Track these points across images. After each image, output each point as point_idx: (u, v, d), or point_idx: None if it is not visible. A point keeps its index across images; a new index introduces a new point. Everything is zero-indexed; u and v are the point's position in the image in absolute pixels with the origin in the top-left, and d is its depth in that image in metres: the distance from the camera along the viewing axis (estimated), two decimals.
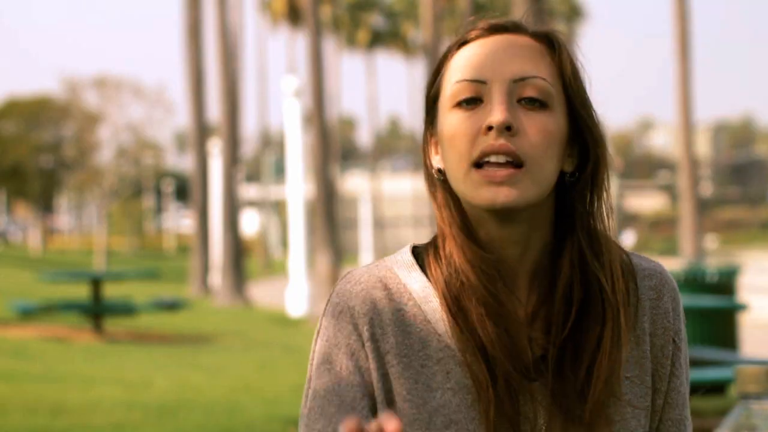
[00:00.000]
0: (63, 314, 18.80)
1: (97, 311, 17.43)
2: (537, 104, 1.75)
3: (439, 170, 1.82)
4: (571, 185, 1.80)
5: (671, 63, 29.81)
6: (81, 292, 21.93)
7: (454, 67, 1.79)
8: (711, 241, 71.61)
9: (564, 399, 1.76)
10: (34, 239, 62.89)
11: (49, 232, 73.30)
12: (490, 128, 1.72)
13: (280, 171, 55.38)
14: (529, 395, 1.76)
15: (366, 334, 1.78)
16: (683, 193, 30.34)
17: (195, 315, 22.74)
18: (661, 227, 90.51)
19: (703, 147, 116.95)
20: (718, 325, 10.13)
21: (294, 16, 60.73)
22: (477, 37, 1.80)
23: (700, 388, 6.59)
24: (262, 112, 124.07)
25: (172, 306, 18.95)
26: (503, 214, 1.75)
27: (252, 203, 66.01)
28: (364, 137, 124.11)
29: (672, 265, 15.74)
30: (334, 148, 50.01)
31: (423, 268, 1.82)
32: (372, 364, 1.77)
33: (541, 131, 1.74)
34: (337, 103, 69.12)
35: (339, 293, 1.82)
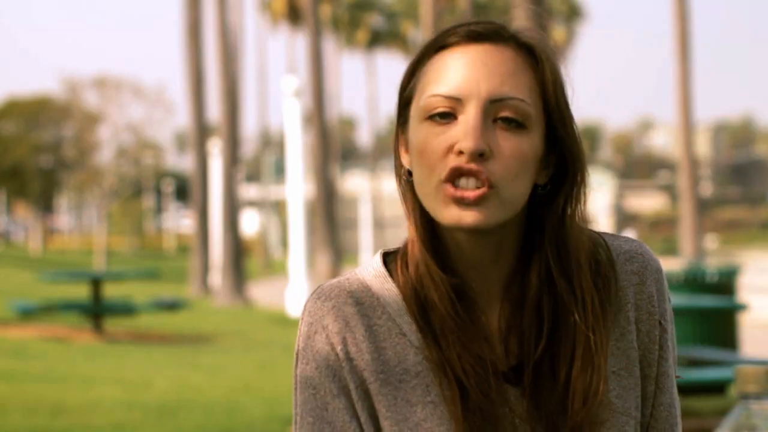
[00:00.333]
0: (63, 314, 18.80)
1: (97, 311, 17.44)
2: (513, 124, 1.70)
3: (409, 171, 1.78)
4: (543, 197, 1.76)
5: (671, 63, 29.82)
6: (81, 292, 21.93)
7: (430, 76, 1.73)
8: (711, 241, 71.60)
9: (545, 413, 1.73)
10: (34, 239, 62.90)
11: (49, 232, 73.31)
12: (462, 152, 1.68)
13: (280, 171, 55.40)
14: (506, 404, 1.74)
15: (341, 354, 1.75)
16: (683, 193, 30.36)
17: (195, 315, 22.74)
18: (661, 227, 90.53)
19: (703, 147, 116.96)
20: (718, 325, 10.14)
21: (294, 16, 60.75)
22: (455, 44, 1.74)
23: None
24: (262, 112, 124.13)
25: (172, 306, 18.96)
26: (471, 231, 1.72)
27: (252, 203, 66.03)
28: (364, 137, 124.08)
29: (672, 265, 15.75)
30: (334, 148, 50.02)
31: (393, 276, 1.79)
32: (351, 384, 1.75)
33: (515, 155, 1.69)
34: (337, 103, 69.16)
35: (311, 312, 1.78)
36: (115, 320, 18.98)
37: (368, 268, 1.81)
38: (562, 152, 1.75)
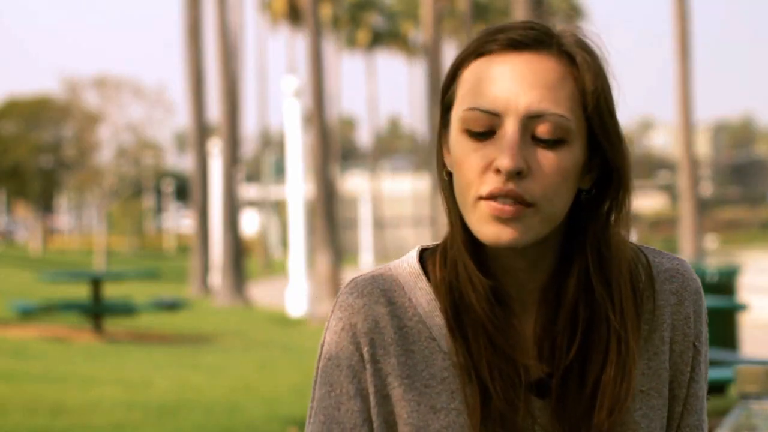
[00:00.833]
0: (63, 314, 18.80)
1: (97, 311, 17.43)
2: (552, 141, 1.66)
3: (449, 172, 1.74)
4: (587, 202, 1.73)
5: (671, 63, 29.82)
6: (81, 292, 21.92)
7: (469, 85, 1.70)
8: (711, 241, 71.57)
9: (569, 420, 1.72)
10: (34, 239, 62.88)
11: (49, 232, 73.29)
12: (499, 170, 1.65)
13: (280, 171, 55.36)
14: (530, 415, 1.72)
15: (367, 356, 1.73)
16: (683, 193, 30.35)
17: (195, 315, 22.74)
18: (661, 227, 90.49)
19: (703, 147, 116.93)
20: (718, 325, 10.13)
21: (294, 16, 60.73)
22: (495, 52, 1.69)
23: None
24: (262, 112, 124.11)
25: (172, 306, 18.96)
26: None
27: (252, 203, 66.00)
28: (364, 137, 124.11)
29: None
30: (334, 148, 50.01)
31: (429, 275, 1.77)
32: (371, 387, 1.73)
33: (555, 172, 1.66)
34: (337, 103, 69.15)
35: (342, 306, 1.76)
36: (115, 320, 18.98)
37: (403, 264, 1.78)
38: (605, 159, 1.72)
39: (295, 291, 25.07)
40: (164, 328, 19.67)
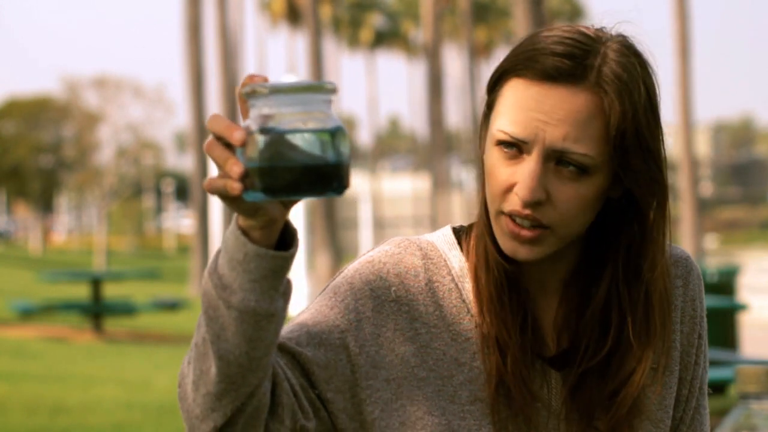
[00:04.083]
0: (63, 314, 18.81)
1: (97, 311, 17.44)
2: (575, 170, 1.69)
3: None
4: (620, 210, 1.76)
5: (671, 63, 29.83)
6: (81, 292, 21.93)
7: (504, 105, 1.72)
8: (711, 241, 71.59)
9: (582, 404, 1.76)
10: (34, 239, 62.89)
11: (49, 232, 73.29)
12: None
13: None
14: (546, 384, 1.77)
15: (393, 294, 1.76)
16: (683, 193, 30.37)
17: (195, 315, 22.71)
18: None
19: (703, 147, 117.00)
20: (718, 325, 10.14)
21: (294, 16, 60.75)
22: (530, 79, 1.70)
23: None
24: None
25: (172, 306, 18.97)
26: None
27: None
28: (364, 137, 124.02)
29: None
30: None
31: (462, 245, 1.82)
32: (391, 324, 1.75)
33: (574, 200, 1.70)
34: (337, 103, 69.13)
35: (373, 252, 1.80)
36: (115, 320, 18.99)
37: (438, 234, 1.84)
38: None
39: (294, 291, 25.07)
40: (164, 328, 19.67)
